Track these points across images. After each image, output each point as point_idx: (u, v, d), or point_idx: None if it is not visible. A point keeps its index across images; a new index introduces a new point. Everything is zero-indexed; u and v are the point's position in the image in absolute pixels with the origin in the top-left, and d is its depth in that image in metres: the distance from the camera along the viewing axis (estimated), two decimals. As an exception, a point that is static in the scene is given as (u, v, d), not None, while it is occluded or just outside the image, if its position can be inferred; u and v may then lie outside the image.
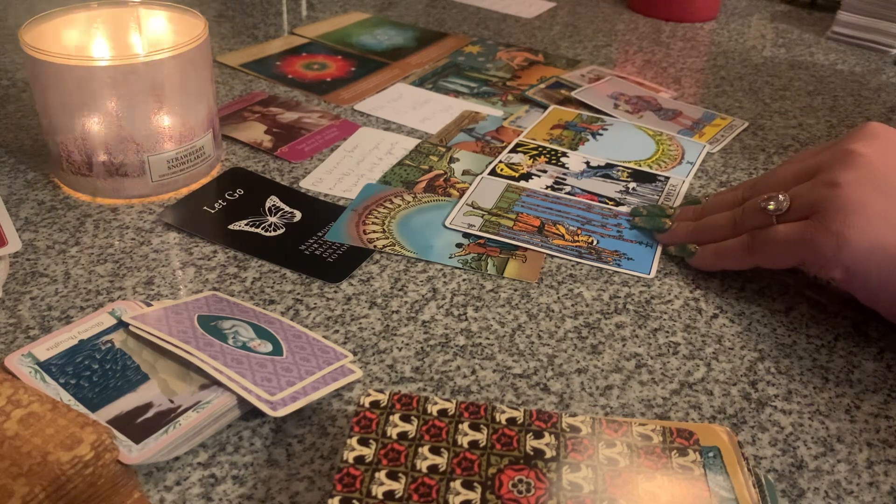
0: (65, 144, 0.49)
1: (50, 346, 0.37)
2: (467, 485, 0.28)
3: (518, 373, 0.39)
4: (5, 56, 0.74)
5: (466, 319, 0.42)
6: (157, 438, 0.32)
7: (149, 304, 0.40)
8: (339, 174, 0.56)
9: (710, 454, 0.30)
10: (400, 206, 0.52)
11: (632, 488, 0.28)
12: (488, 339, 0.41)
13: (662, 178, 0.57)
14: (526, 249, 0.48)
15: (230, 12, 0.88)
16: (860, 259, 0.39)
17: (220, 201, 0.51)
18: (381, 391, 0.32)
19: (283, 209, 0.51)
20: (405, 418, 0.31)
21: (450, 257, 0.47)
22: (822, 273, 0.41)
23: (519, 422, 0.31)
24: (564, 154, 0.59)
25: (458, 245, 0.48)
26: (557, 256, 0.48)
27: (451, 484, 0.28)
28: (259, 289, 0.44)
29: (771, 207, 0.43)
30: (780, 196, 0.43)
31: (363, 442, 0.30)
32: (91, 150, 0.49)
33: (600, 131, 0.63)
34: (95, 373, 0.35)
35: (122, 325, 0.38)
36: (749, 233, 0.44)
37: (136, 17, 0.54)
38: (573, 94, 0.68)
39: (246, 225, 0.49)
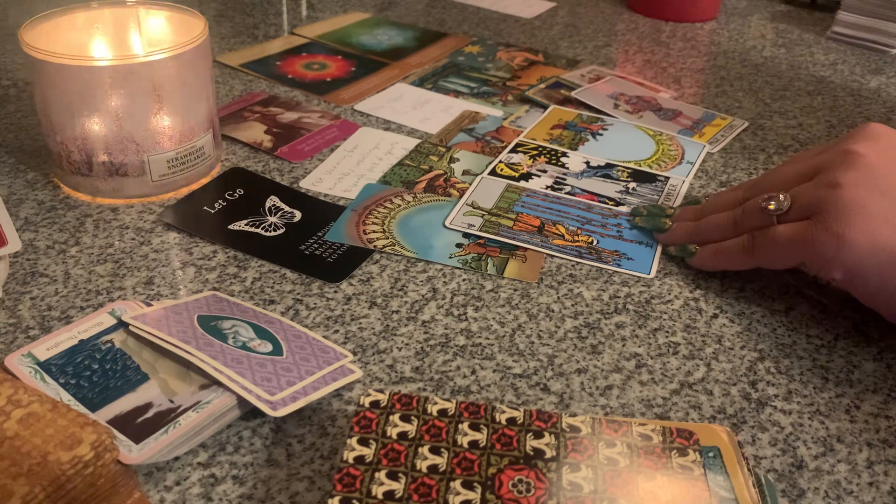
0: (65, 144, 0.49)
1: (50, 346, 0.37)
2: (467, 485, 0.28)
3: (518, 373, 0.39)
4: (5, 56, 0.74)
5: (466, 319, 0.42)
6: (157, 438, 0.32)
7: (149, 304, 0.40)
8: (339, 174, 0.56)
9: (710, 454, 0.30)
10: (400, 206, 0.52)
11: (632, 488, 0.28)
12: (488, 339, 0.41)
13: (662, 178, 0.57)
14: (526, 249, 0.48)
15: (230, 12, 0.88)
16: (860, 260, 0.39)
17: (220, 201, 0.51)
18: (381, 391, 0.32)
19: (283, 209, 0.51)
20: (405, 418, 0.31)
21: (450, 257, 0.47)
22: (822, 273, 0.41)
23: (519, 422, 0.31)
24: (564, 154, 0.59)
25: (458, 245, 0.48)
26: (557, 256, 0.48)
27: (451, 484, 0.28)
28: (259, 289, 0.44)
29: (771, 207, 0.43)
30: (780, 196, 0.43)
31: (363, 442, 0.30)
32: (91, 150, 0.49)
33: (600, 131, 0.63)
34: (95, 373, 0.35)
35: (122, 325, 0.38)
36: (749, 233, 0.44)
37: (136, 17, 0.54)
38: (573, 94, 0.68)
39: (246, 225, 0.49)
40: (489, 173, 0.56)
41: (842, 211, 0.39)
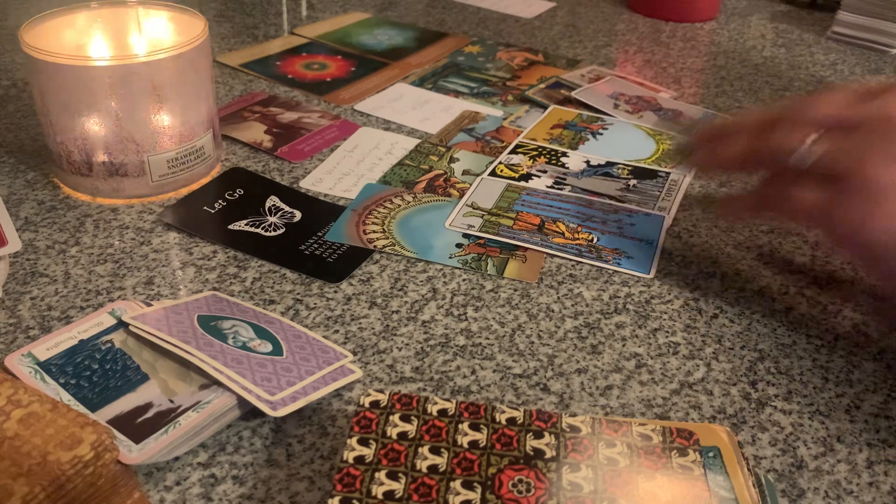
0: (65, 144, 0.49)
1: (50, 346, 0.37)
2: (467, 485, 0.28)
3: (518, 373, 0.39)
4: (5, 56, 0.74)
5: (466, 319, 0.42)
6: (157, 438, 0.32)
7: (149, 304, 0.40)
8: (339, 174, 0.56)
9: (710, 454, 0.30)
10: (400, 206, 0.52)
11: (632, 488, 0.28)
12: (488, 339, 0.41)
13: (663, 174, 0.57)
14: (526, 249, 0.48)
15: (230, 12, 0.88)
16: (880, 243, 0.37)
17: (220, 201, 0.51)
18: (381, 391, 0.32)
19: (283, 209, 0.51)
20: (405, 418, 0.31)
21: (450, 257, 0.47)
22: (836, 248, 0.40)
23: (519, 422, 0.31)
24: (564, 154, 0.59)
25: (458, 245, 0.48)
26: (557, 255, 0.48)
27: (451, 484, 0.28)
28: (259, 289, 0.44)
29: (794, 159, 0.39)
30: (807, 142, 0.39)
31: (363, 442, 0.30)
32: (91, 150, 0.49)
33: (600, 131, 0.63)
34: (95, 373, 0.35)
35: (122, 325, 0.38)
36: (767, 188, 0.42)
37: (136, 17, 0.54)
38: (573, 94, 0.68)
39: (246, 225, 0.49)
40: (489, 174, 0.56)
41: (868, 192, 0.37)
